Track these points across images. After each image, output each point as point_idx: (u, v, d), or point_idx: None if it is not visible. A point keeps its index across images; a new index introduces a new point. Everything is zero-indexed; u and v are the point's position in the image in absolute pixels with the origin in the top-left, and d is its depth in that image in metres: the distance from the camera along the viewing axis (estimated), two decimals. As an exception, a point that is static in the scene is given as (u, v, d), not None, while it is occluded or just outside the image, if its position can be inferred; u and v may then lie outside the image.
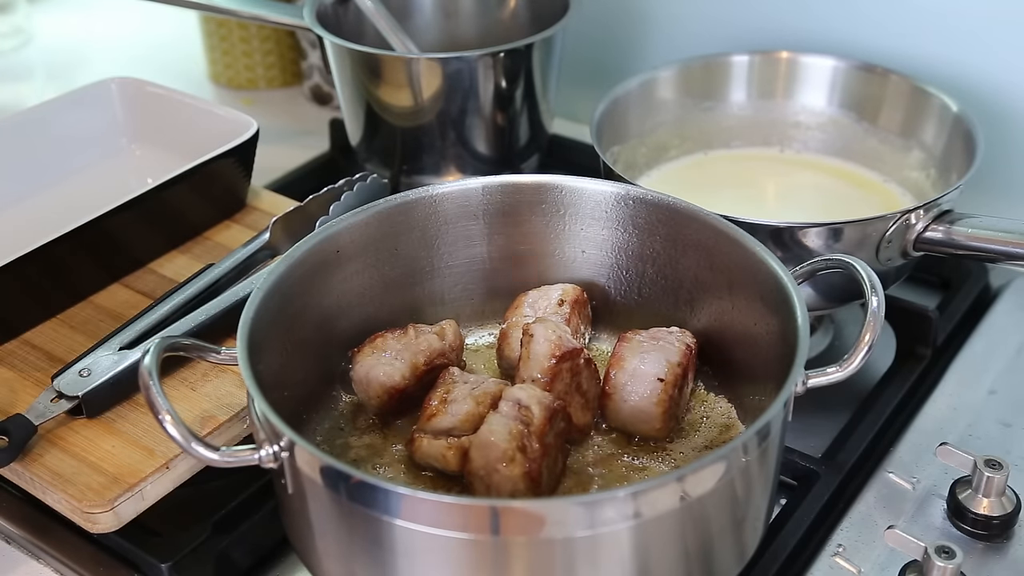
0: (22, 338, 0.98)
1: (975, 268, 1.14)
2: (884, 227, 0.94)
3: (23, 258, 0.95)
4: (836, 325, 1.12)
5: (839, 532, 0.87)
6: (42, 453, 0.86)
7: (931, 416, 0.98)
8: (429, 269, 0.95)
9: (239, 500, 0.88)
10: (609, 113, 1.08)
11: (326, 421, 0.89)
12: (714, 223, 0.88)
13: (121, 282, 1.05)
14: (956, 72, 1.18)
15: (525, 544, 0.67)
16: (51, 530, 0.89)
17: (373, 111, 1.21)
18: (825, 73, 1.18)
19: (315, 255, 0.87)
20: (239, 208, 1.15)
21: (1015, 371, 1.02)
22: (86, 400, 0.87)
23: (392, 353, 0.87)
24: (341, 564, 0.74)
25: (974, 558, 0.84)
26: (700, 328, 0.91)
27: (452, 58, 1.15)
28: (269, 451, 0.71)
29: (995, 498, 0.86)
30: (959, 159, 1.05)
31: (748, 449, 0.70)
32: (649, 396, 0.84)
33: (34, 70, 1.70)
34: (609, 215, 0.94)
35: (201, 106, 1.19)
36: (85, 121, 1.20)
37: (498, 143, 1.22)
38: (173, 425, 0.71)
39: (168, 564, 0.83)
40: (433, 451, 0.81)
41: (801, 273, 0.85)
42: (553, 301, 0.93)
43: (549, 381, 0.84)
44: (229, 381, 0.92)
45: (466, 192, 0.94)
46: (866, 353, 0.77)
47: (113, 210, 1.00)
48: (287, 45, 1.56)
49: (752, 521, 0.76)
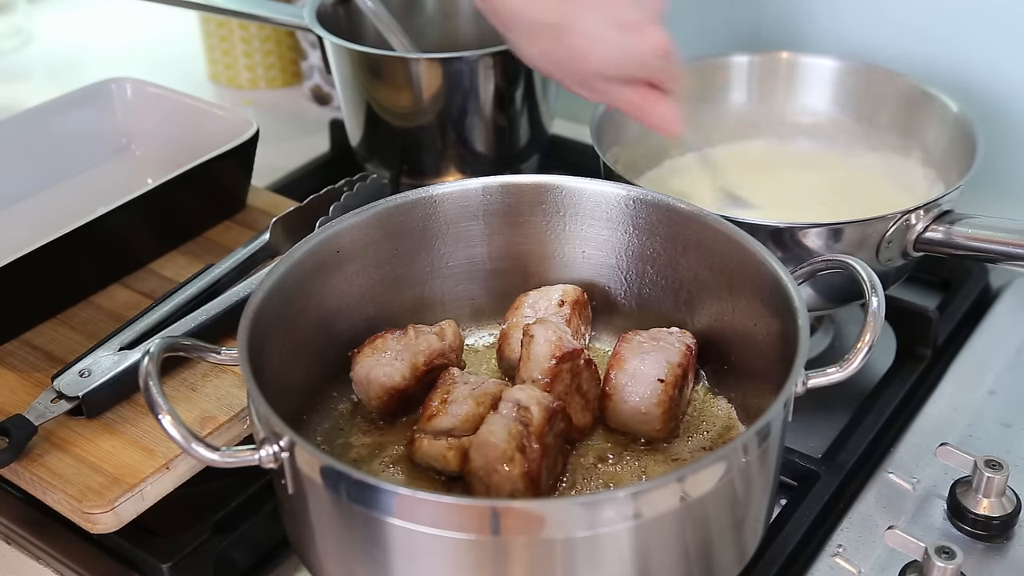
0: (22, 338, 0.98)
1: (975, 268, 1.14)
2: (884, 227, 0.94)
3: (23, 258, 0.95)
4: (836, 325, 1.12)
5: (839, 532, 0.87)
6: (42, 453, 0.86)
7: (931, 416, 0.98)
8: (429, 269, 0.95)
9: (239, 500, 0.88)
10: (609, 113, 1.08)
11: (326, 421, 0.89)
12: (714, 223, 0.88)
13: (121, 282, 1.05)
14: (956, 72, 1.18)
15: (525, 544, 0.67)
16: (51, 530, 0.89)
17: (373, 111, 1.21)
18: (825, 73, 1.18)
19: (315, 255, 0.87)
20: (239, 208, 1.15)
21: (1015, 371, 1.02)
22: (86, 400, 0.87)
23: (392, 354, 0.87)
24: (341, 564, 0.74)
25: (974, 558, 0.84)
26: (700, 328, 0.91)
27: (452, 58, 1.15)
28: (269, 451, 0.71)
29: (995, 498, 0.86)
30: (959, 159, 1.05)
31: (748, 449, 0.70)
32: (649, 397, 0.84)
33: (34, 70, 1.70)
34: (609, 215, 0.94)
35: (201, 106, 1.19)
36: (85, 121, 1.20)
37: (498, 143, 1.22)
38: (173, 425, 0.71)
39: (168, 564, 0.83)
40: (433, 451, 0.81)
41: (801, 273, 0.85)
42: (553, 302, 0.93)
43: (549, 382, 0.84)
44: (229, 381, 0.92)
45: (466, 192, 0.94)
46: (866, 353, 0.77)
47: (113, 210, 1.00)
48: (287, 45, 1.56)
49: (752, 521, 0.76)
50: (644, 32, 0.88)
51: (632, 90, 0.90)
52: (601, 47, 0.87)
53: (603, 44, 0.87)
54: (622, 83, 0.90)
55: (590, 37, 0.87)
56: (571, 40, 0.87)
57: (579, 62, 0.88)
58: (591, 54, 0.87)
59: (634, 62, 0.89)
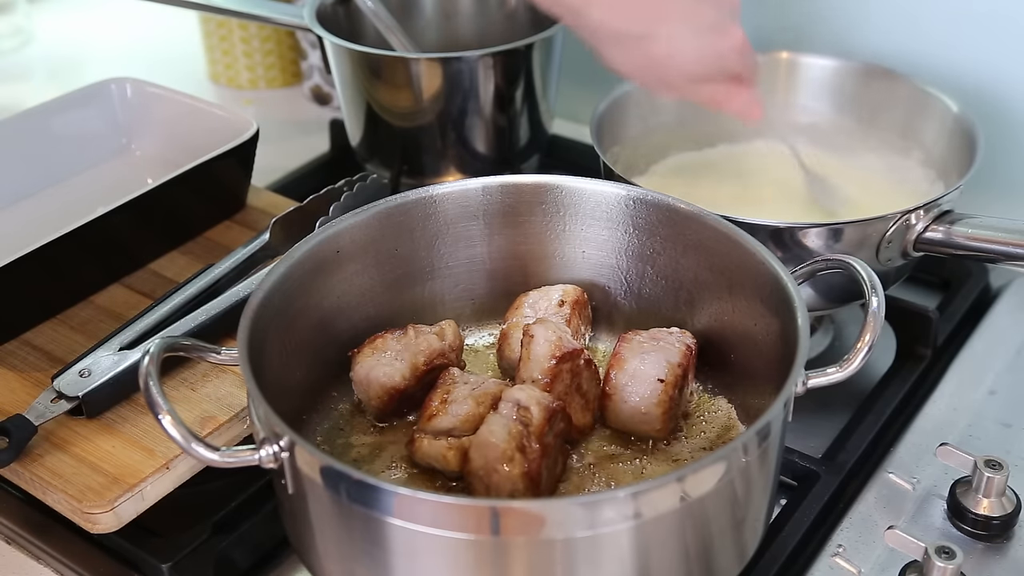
0: (22, 338, 0.98)
1: (975, 268, 1.14)
2: (884, 227, 0.94)
3: (23, 258, 0.95)
4: (836, 325, 1.12)
5: (839, 532, 0.87)
6: (42, 453, 0.86)
7: (931, 416, 0.98)
8: (429, 269, 0.95)
9: (239, 500, 0.88)
10: (609, 113, 1.08)
11: (326, 421, 0.89)
12: (714, 223, 0.88)
13: (121, 282, 1.05)
14: (956, 72, 1.18)
15: (525, 544, 0.67)
16: (51, 530, 0.89)
17: (373, 111, 1.21)
18: (825, 73, 1.18)
19: (315, 255, 0.87)
20: (239, 208, 1.15)
21: (1015, 371, 1.02)
22: (86, 400, 0.87)
23: (392, 354, 0.87)
24: (341, 564, 0.74)
25: (974, 558, 0.84)
26: (700, 328, 0.91)
27: (452, 58, 1.15)
28: (269, 451, 0.71)
29: (995, 498, 0.86)
30: (959, 159, 1.05)
31: (748, 449, 0.70)
32: (649, 397, 0.84)
33: (34, 70, 1.70)
34: (609, 215, 0.94)
35: (201, 106, 1.19)
36: (85, 121, 1.20)
37: (498, 143, 1.22)
38: (173, 425, 0.71)
39: (168, 564, 0.83)
40: (433, 451, 0.82)
41: (801, 273, 0.85)
42: (553, 302, 0.93)
43: (549, 382, 0.84)
44: (229, 381, 0.92)
45: (466, 192, 0.94)
46: (866, 353, 0.77)
47: (113, 210, 1.00)
48: (287, 45, 1.56)
49: (752, 521, 0.76)
50: (724, 32, 0.90)
51: (714, 86, 0.93)
52: (685, 52, 0.89)
53: (687, 49, 0.89)
54: (706, 80, 0.92)
55: (674, 43, 0.89)
56: (656, 48, 0.89)
57: (665, 68, 0.91)
58: (676, 60, 0.90)
59: (716, 62, 0.91)
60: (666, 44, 0.89)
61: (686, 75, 0.91)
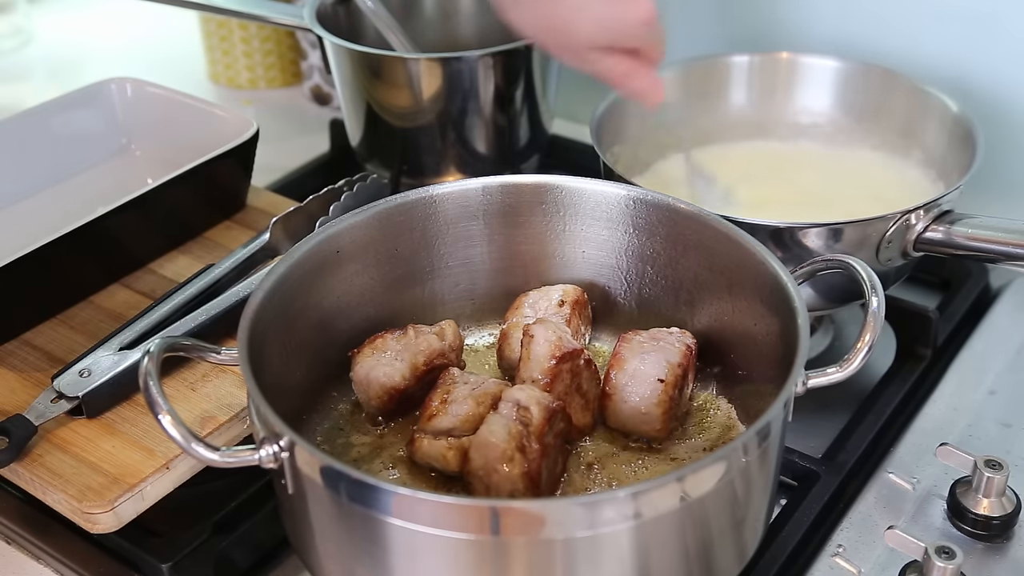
0: (22, 338, 0.98)
1: (975, 268, 1.14)
2: (884, 227, 0.94)
3: (23, 258, 0.95)
4: (836, 325, 1.12)
5: (839, 532, 0.87)
6: (42, 453, 0.86)
7: (931, 416, 0.98)
8: (429, 269, 0.95)
9: (239, 500, 0.88)
10: (609, 113, 1.08)
11: (326, 421, 0.89)
12: (714, 223, 0.88)
13: (121, 282, 1.05)
14: (956, 72, 1.18)
15: (525, 544, 0.67)
16: (51, 530, 0.89)
17: (373, 111, 1.21)
18: (825, 73, 1.18)
19: (315, 255, 0.87)
20: (239, 208, 1.15)
21: (1015, 371, 1.02)
22: (86, 400, 0.87)
23: (392, 354, 0.87)
24: (341, 564, 0.74)
25: (974, 558, 0.84)
26: (700, 328, 0.91)
27: (452, 58, 1.15)
28: (269, 451, 0.71)
29: (995, 498, 0.86)
30: (959, 159, 1.05)
31: (748, 449, 0.70)
32: (649, 397, 0.84)
33: (34, 70, 1.70)
34: (609, 215, 0.94)
35: (201, 106, 1.19)
36: (85, 121, 1.20)
37: (498, 143, 1.22)
38: (173, 425, 0.71)
39: (168, 564, 0.83)
40: (433, 451, 0.82)
41: (801, 273, 0.85)
42: (553, 302, 0.93)
43: (549, 382, 0.84)
44: (229, 381, 0.92)
45: (466, 192, 0.94)
46: (866, 353, 0.77)
47: (113, 210, 1.00)
48: (287, 45, 1.56)
49: (752, 521, 0.76)
50: (633, 1, 0.90)
51: (616, 59, 0.93)
52: (590, 16, 0.90)
53: (592, 13, 0.90)
54: (608, 52, 0.92)
55: (579, 7, 0.90)
56: (561, 10, 0.90)
57: (568, 31, 0.91)
58: (580, 23, 0.90)
59: (621, 31, 0.91)
60: (573, 7, 0.89)
61: (588, 41, 0.91)
